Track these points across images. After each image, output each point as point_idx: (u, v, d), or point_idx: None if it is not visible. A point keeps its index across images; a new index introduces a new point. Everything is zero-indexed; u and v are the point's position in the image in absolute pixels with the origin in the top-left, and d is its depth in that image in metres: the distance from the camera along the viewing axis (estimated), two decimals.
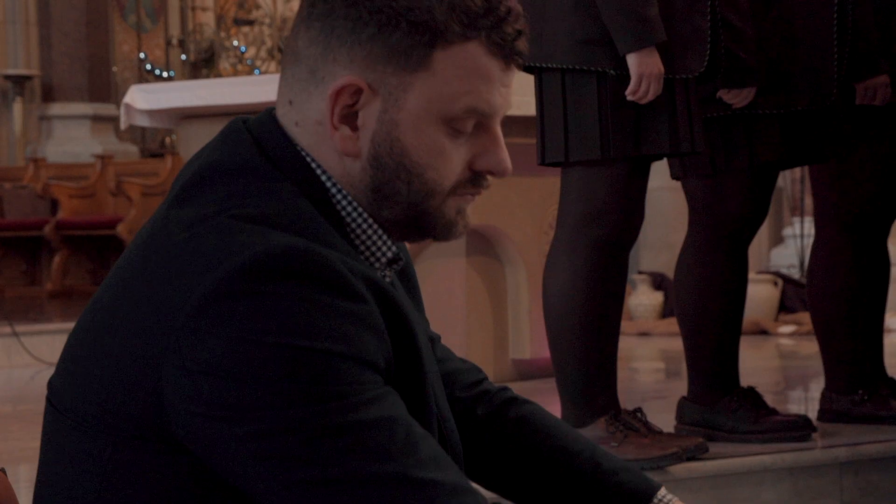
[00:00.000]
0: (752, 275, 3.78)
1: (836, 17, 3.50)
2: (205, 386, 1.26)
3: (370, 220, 1.41)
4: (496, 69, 1.39)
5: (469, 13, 1.37)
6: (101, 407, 1.33)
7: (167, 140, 11.43)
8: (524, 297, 5.00)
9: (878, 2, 3.62)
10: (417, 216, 1.42)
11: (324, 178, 1.39)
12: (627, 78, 3.12)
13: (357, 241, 1.41)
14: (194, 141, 5.55)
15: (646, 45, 3.09)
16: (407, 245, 1.54)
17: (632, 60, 3.10)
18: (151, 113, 5.68)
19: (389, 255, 1.44)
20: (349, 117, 1.38)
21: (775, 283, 7.53)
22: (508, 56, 1.40)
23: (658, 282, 7.88)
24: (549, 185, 4.76)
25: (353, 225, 1.41)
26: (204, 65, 11.65)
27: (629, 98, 3.13)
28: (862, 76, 3.60)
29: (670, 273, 4.25)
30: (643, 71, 3.09)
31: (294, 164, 1.39)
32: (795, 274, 8.11)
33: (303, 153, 1.39)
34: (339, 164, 1.40)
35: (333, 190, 1.40)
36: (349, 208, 1.40)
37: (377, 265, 1.44)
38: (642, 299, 7.75)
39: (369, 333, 1.30)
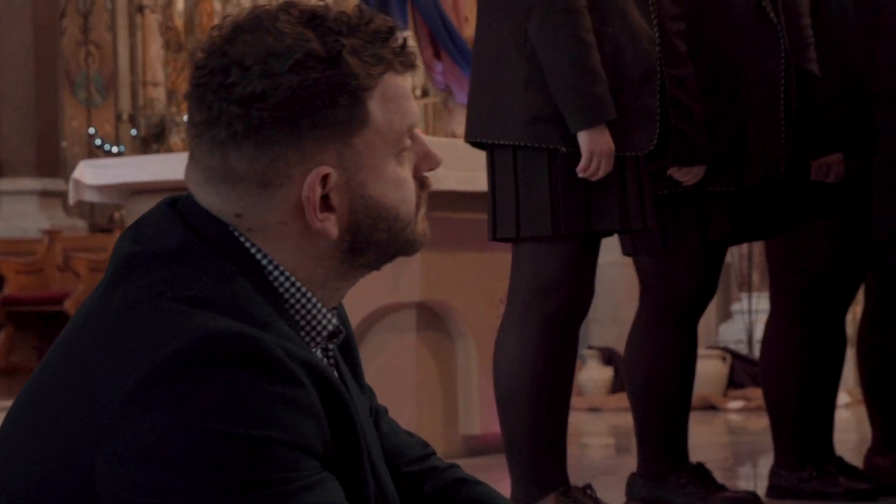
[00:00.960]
0: (700, 350, 3.78)
1: (782, 97, 3.55)
2: (138, 473, 1.24)
3: (309, 294, 1.41)
4: (405, 81, 1.43)
5: (373, 53, 1.39)
6: (35, 491, 1.31)
7: (116, 215, 11.38)
8: (474, 373, 4.99)
9: (833, 80, 3.67)
10: (398, 248, 1.45)
11: (259, 255, 1.39)
12: (578, 155, 3.15)
13: (297, 317, 1.41)
14: None
15: (596, 123, 3.12)
16: (357, 318, 1.54)
17: (583, 138, 3.13)
18: (100, 188, 5.65)
19: (330, 327, 1.44)
20: (323, 202, 1.38)
21: (724, 359, 7.55)
22: (410, 65, 1.44)
23: (608, 357, 7.89)
24: (500, 260, 4.77)
25: (293, 301, 1.40)
26: (154, 139, 11.63)
27: (580, 175, 3.15)
28: (817, 153, 3.65)
29: (620, 348, 4.26)
30: (594, 148, 3.12)
31: (228, 245, 1.38)
32: (743, 349, 8.15)
33: (235, 233, 1.39)
34: (302, 252, 1.40)
35: (270, 267, 1.39)
36: (287, 284, 1.40)
37: (318, 339, 1.43)
38: (592, 374, 7.75)
39: (306, 418, 1.29)
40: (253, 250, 1.38)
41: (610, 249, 3.92)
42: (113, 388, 1.26)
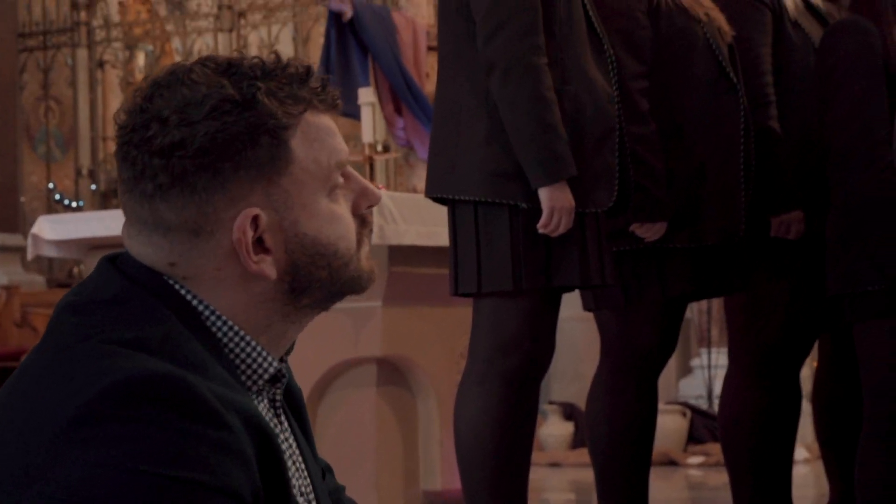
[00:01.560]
0: (660, 405, 3.80)
1: (742, 155, 3.58)
2: None
3: (248, 338, 1.42)
4: (330, 121, 1.45)
5: (290, 94, 1.41)
6: None
7: (75, 270, 11.31)
8: (435, 428, 4.98)
9: (794, 138, 3.71)
10: (343, 286, 1.45)
11: (195, 302, 1.40)
12: (539, 211, 3.16)
13: (237, 361, 1.41)
14: None
15: (557, 180, 3.14)
16: (318, 373, 1.54)
17: (544, 194, 3.15)
18: (59, 243, 5.63)
19: (272, 370, 1.44)
20: (258, 245, 1.40)
21: (684, 414, 7.57)
22: (333, 106, 1.46)
23: (569, 412, 7.88)
24: (461, 315, 4.78)
25: (231, 345, 1.41)
26: (114, 194, 11.59)
27: (541, 231, 3.17)
28: (777, 210, 3.68)
29: (581, 403, 4.27)
30: (555, 205, 3.14)
31: (163, 292, 1.39)
32: (703, 405, 8.16)
33: (170, 281, 1.40)
34: (241, 296, 1.41)
35: (207, 312, 1.40)
36: (224, 328, 1.41)
37: (259, 382, 1.44)
38: (553, 430, 7.74)
39: (235, 463, 1.28)
40: (188, 297, 1.40)
41: (570, 305, 3.93)
42: (41, 430, 1.27)
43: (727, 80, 3.59)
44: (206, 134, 1.37)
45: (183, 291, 1.39)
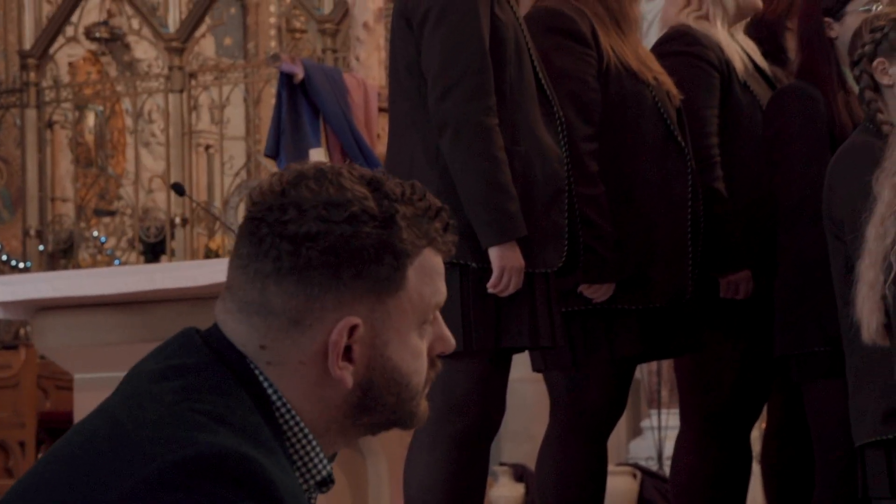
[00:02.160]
0: (610, 466, 3.78)
1: (689, 217, 3.60)
2: None
3: (310, 437, 1.45)
4: (441, 263, 1.51)
5: (420, 226, 1.47)
6: None
7: (21, 331, 11.21)
8: (385, 490, 4.96)
9: (743, 197, 3.74)
10: (400, 418, 1.50)
11: (270, 391, 1.43)
12: (489, 271, 3.17)
13: (295, 456, 1.44)
14: (50, 332, 5.46)
15: (508, 239, 3.15)
16: None
17: (494, 254, 3.15)
18: (6, 304, 5.58)
19: (324, 473, 1.47)
20: (345, 352, 1.44)
21: (634, 476, 7.55)
22: (449, 249, 1.52)
23: (519, 473, 7.86)
24: None
25: (294, 440, 1.44)
26: (62, 255, 11.52)
27: (490, 291, 3.17)
28: (725, 270, 3.70)
29: (532, 465, 4.26)
30: (505, 264, 3.14)
31: (243, 373, 1.43)
32: (654, 466, 8.16)
33: (252, 365, 1.43)
34: (313, 395, 1.44)
35: (279, 403, 1.43)
36: (291, 423, 1.44)
37: (311, 482, 1.46)
38: (503, 491, 7.71)
39: None
40: (265, 384, 1.43)
41: (520, 364, 3.93)
42: (113, 485, 1.29)
43: (675, 143, 3.62)
44: (340, 235, 1.42)
45: (261, 378, 1.43)
